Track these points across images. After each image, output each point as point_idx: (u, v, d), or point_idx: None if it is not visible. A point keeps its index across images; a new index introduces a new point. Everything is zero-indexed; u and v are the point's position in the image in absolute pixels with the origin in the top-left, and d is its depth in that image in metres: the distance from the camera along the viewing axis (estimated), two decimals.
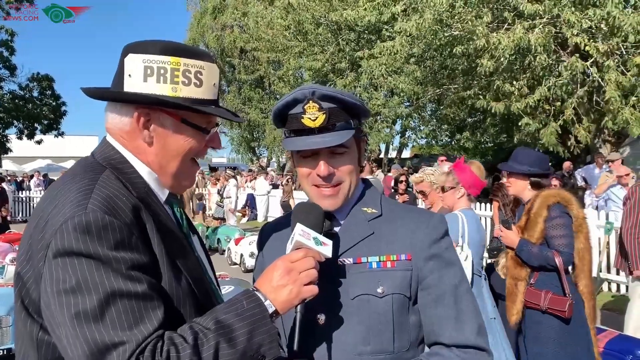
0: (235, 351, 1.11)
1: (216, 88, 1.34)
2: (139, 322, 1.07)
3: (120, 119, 1.28)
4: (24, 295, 1.17)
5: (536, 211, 3.36)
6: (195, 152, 1.32)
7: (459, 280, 1.43)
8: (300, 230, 1.29)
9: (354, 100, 1.42)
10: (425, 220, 1.46)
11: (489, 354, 1.41)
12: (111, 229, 1.10)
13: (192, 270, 1.26)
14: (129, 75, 1.26)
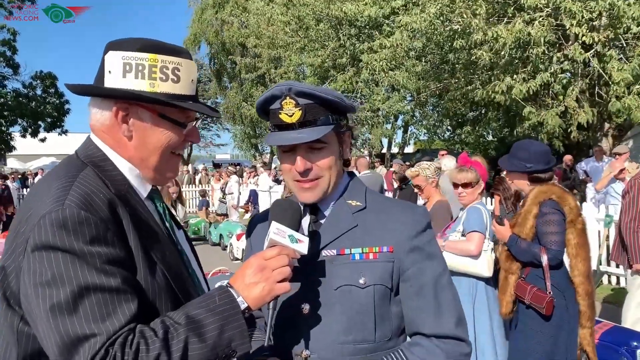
0: (205, 345, 1.14)
1: (194, 84, 1.37)
2: (111, 315, 1.10)
3: (101, 114, 1.32)
4: (6, 288, 1.20)
5: (527, 207, 3.38)
6: (174, 146, 1.35)
7: (440, 272, 1.45)
8: (275, 228, 1.31)
9: (331, 97, 1.43)
10: (409, 213, 1.48)
11: (468, 344, 1.45)
12: (87, 224, 1.13)
13: (170, 265, 1.29)
14: (108, 72, 1.29)
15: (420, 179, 4.44)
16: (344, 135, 1.52)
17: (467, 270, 3.76)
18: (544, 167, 3.43)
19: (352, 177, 1.60)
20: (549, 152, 3.56)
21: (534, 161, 3.43)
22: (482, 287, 3.80)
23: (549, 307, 3.20)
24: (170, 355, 1.10)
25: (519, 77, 10.18)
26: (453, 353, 1.40)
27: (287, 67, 18.47)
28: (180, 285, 1.30)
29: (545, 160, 3.46)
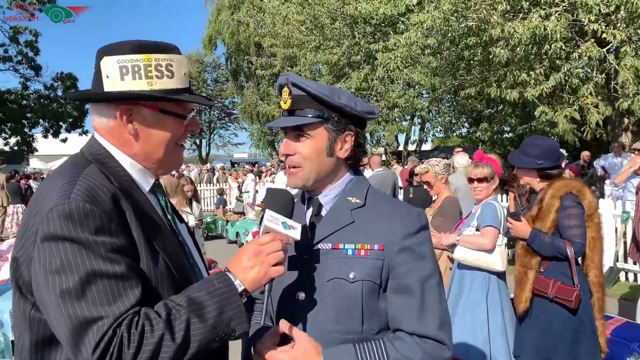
0: (206, 325, 1.22)
1: (187, 77, 1.44)
2: (117, 299, 1.18)
3: (104, 118, 1.40)
4: (18, 277, 1.28)
5: (548, 201, 3.37)
6: (177, 138, 1.44)
7: (429, 273, 1.49)
8: (269, 215, 1.39)
9: (318, 92, 1.50)
10: (403, 215, 1.53)
11: (448, 349, 1.47)
12: (92, 216, 1.21)
13: (171, 253, 1.36)
14: (107, 77, 1.36)
15: (429, 176, 4.49)
16: (341, 134, 1.56)
17: (480, 264, 3.79)
18: (553, 164, 3.44)
19: (356, 175, 1.65)
20: (558, 148, 3.57)
21: (543, 157, 3.43)
22: (495, 280, 3.84)
23: (577, 300, 3.20)
24: (174, 334, 1.18)
25: (534, 74, 10.10)
26: (432, 354, 1.44)
27: (302, 65, 18.53)
28: (182, 273, 1.37)
29: (555, 156, 3.47)
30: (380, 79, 15.43)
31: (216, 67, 39.43)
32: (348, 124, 1.57)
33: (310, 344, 1.42)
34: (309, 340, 1.42)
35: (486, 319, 3.76)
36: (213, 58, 36.52)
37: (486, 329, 3.74)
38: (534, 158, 3.47)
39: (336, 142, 1.56)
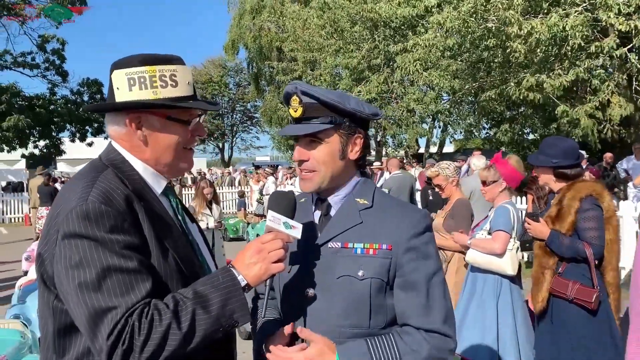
0: (210, 316, 1.33)
1: (191, 85, 1.55)
2: (129, 291, 1.30)
3: (117, 126, 1.53)
4: (43, 271, 1.42)
5: (568, 203, 3.40)
6: (184, 142, 1.55)
7: (433, 271, 1.57)
8: (271, 216, 1.50)
9: (329, 99, 1.57)
10: (409, 216, 1.60)
11: (453, 341, 1.56)
12: (107, 216, 1.33)
13: (180, 251, 1.48)
14: (117, 88, 1.49)
15: (440, 179, 4.55)
16: (351, 137, 1.64)
17: (491, 267, 3.84)
18: (569, 163, 3.47)
19: (364, 177, 1.73)
20: (576, 149, 3.58)
21: (560, 157, 3.47)
22: (507, 284, 3.87)
23: (597, 302, 3.22)
24: (180, 324, 1.30)
25: (554, 74, 10.04)
26: (437, 346, 1.52)
27: (323, 69, 18.65)
28: (190, 269, 1.48)
29: (572, 156, 3.50)
30: (399, 82, 15.46)
31: (238, 72, 39.84)
32: (357, 127, 1.64)
33: (324, 342, 1.50)
34: (322, 340, 1.50)
35: (495, 321, 3.80)
36: (235, 62, 36.93)
37: (495, 331, 3.78)
38: (550, 157, 3.51)
39: (347, 145, 1.63)
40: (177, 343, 1.29)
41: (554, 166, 3.50)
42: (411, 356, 1.50)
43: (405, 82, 16.08)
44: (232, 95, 40.48)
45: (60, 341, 1.41)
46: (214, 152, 44.58)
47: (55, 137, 24.76)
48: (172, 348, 1.29)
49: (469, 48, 12.50)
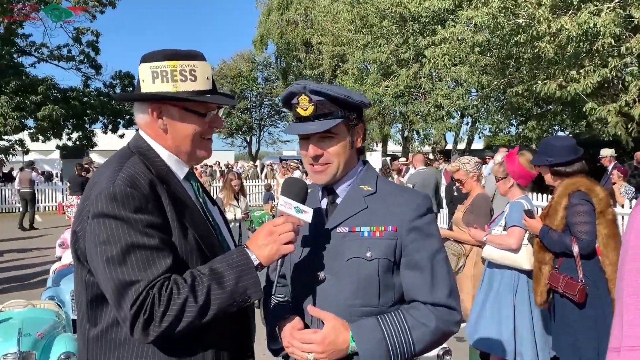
0: (224, 292, 1.45)
1: (210, 80, 1.67)
2: (151, 266, 1.42)
3: (142, 114, 1.66)
4: (77, 248, 1.55)
5: (556, 199, 3.50)
6: (201, 132, 1.67)
7: (436, 249, 1.65)
8: (282, 201, 1.60)
9: (339, 94, 1.66)
10: (412, 199, 1.69)
11: (458, 313, 1.65)
12: (132, 198, 1.46)
13: (200, 230, 1.59)
14: (142, 80, 1.62)
15: (460, 174, 4.60)
16: (356, 127, 1.74)
17: (507, 262, 3.88)
18: (564, 160, 3.55)
19: (366, 165, 1.82)
20: (572, 147, 3.63)
21: (555, 155, 3.57)
22: (524, 279, 3.91)
23: (582, 295, 3.30)
24: (196, 297, 1.41)
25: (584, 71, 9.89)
26: (444, 318, 1.61)
27: (350, 64, 18.68)
28: (209, 247, 1.60)
29: (567, 154, 3.57)
30: (428, 76, 15.40)
31: (267, 66, 40.06)
32: (359, 118, 1.75)
33: (337, 321, 1.59)
34: (335, 318, 1.59)
35: (513, 315, 3.84)
36: (264, 57, 37.16)
37: (512, 326, 3.82)
38: (546, 156, 3.62)
39: (354, 136, 1.75)
40: (193, 315, 1.41)
41: (550, 164, 3.60)
42: (420, 329, 1.59)
43: (433, 77, 15.99)
44: (260, 89, 40.75)
45: (93, 311, 1.55)
46: (242, 146, 44.98)
47: (88, 128, 25.34)
48: (189, 320, 1.41)
49: (499, 44, 12.39)
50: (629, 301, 1.08)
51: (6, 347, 3.75)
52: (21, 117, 21.24)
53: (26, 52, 24.92)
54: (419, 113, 16.71)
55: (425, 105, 16.07)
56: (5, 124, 20.35)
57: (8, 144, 22.81)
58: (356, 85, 17.87)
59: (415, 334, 1.59)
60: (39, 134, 23.06)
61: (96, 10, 24.45)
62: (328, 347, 1.57)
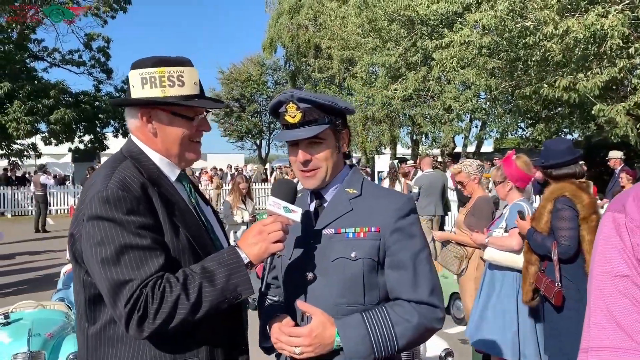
0: (215, 289, 1.51)
1: (197, 85, 1.73)
2: (144, 265, 1.48)
3: (133, 119, 1.73)
4: (74, 249, 1.62)
5: (542, 203, 3.59)
6: (189, 136, 1.73)
7: (419, 249, 1.71)
8: (271, 201, 1.67)
9: (325, 102, 1.74)
10: (395, 201, 1.75)
11: (441, 310, 1.71)
12: (124, 200, 1.52)
13: (193, 230, 1.65)
14: (132, 86, 1.69)
15: (462, 176, 4.63)
16: (342, 132, 1.82)
17: (509, 264, 3.91)
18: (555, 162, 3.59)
19: (352, 169, 1.89)
20: (566, 150, 3.64)
21: (549, 158, 3.63)
22: None
23: (558, 298, 3.36)
24: (188, 295, 1.48)
25: (591, 73, 9.85)
26: (426, 315, 1.67)
27: (359, 67, 18.71)
28: (202, 247, 1.66)
29: (560, 156, 3.59)
30: (436, 79, 15.38)
31: (276, 70, 40.17)
32: (344, 123, 1.83)
33: (324, 316, 1.65)
34: (322, 313, 1.66)
35: (516, 316, 3.87)
36: (273, 60, 37.26)
37: (516, 326, 3.85)
38: (542, 158, 3.70)
39: (340, 141, 1.82)
40: (186, 312, 1.47)
41: (542, 166, 3.68)
42: (403, 324, 1.65)
43: (442, 80, 15.98)
44: (270, 93, 40.89)
45: (91, 310, 1.61)
46: (252, 149, 45.14)
47: (100, 132, 25.63)
48: (182, 316, 1.47)
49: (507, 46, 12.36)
50: (596, 304, 1.11)
51: (16, 346, 3.84)
52: (34, 121, 21.52)
53: (39, 57, 25.27)
54: (427, 116, 16.69)
55: (433, 108, 16.05)
56: (19, 128, 20.63)
57: (21, 147, 23.12)
58: (365, 89, 17.90)
59: (398, 329, 1.64)
60: (51, 138, 23.35)
61: (107, 15, 24.76)
62: (315, 341, 1.63)
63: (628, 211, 1.08)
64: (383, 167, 16.73)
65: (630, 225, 1.07)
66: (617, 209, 1.12)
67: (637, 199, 1.09)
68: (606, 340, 1.05)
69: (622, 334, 1.03)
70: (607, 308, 1.07)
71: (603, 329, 1.07)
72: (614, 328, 1.04)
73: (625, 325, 1.03)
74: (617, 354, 1.03)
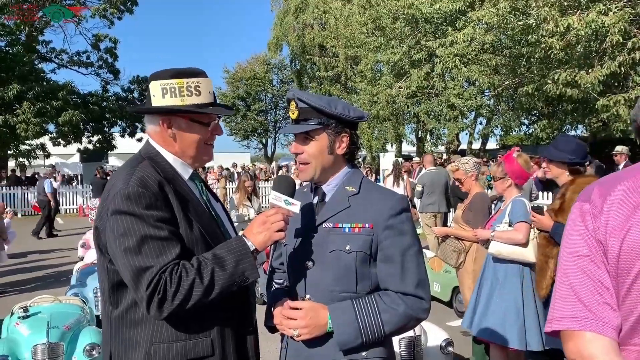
0: (225, 273, 1.70)
1: (212, 94, 1.92)
2: (162, 254, 1.67)
3: (153, 125, 1.92)
4: (99, 241, 1.81)
5: (570, 196, 3.60)
6: (204, 140, 1.93)
7: (408, 245, 1.86)
8: (273, 195, 1.87)
9: (317, 104, 1.89)
10: (388, 199, 1.90)
11: (427, 302, 1.87)
12: (143, 197, 1.71)
13: (204, 223, 1.84)
14: (153, 95, 1.87)
15: (459, 173, 4.80)
16: (338, 136, 1.94)
17: (515, 257, 4.01)
18: (582, 160, 3.73)
19: (353, 169, 2.02)
20: (585, 148, 3.81)
21: (575, 154, 3.72)
22: (528, 272, 4.08)
23: None
24: (202, 278, 1.66)
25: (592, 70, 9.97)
26: (412, 306, 1.84)
27: (364, 65, 18.86)
28: (213, 237, 1.85)
29: (584, 154, 3.75)
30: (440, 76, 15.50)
31: (282, 69, 40.34)
32: (344, 128, 1.94)
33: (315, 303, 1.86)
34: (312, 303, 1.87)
35: (521, 307, 4.00)
36: (279, 59, 37.44)
37: (522, 316, 3.99)
38: (566, 153, 3.75)
39: (335, 142, 1.94)
40: (200, 294, 1.66)
41: (570, 162, 3.73)
42: (389, 312, 1.82)
43: (446, 77, 16.09)
44: (275, 91, 41.08)
45: (114, 295, 1.81)
46: (258, 148, 45.39)
47: (107, 132, 25.91)
48: (197, 298, 1.66)
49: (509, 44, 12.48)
50: (561, 280, 1.29)
51: (36, 338, 4.06)
52: (42, 122, 21.82)
53: (47, 59, 25.59)
54: (431, 113, 16.82)
55: (437, 104, 16.17)
56: (27, 129, 20.93)
57: (29, 148, 23.42)
58: (369, 87, 18.06)
59: (385, 316, 1.82)
60: (59, 139, 23.66)
61: (114, 16, 25.03)
62: (310, 322, 1.83)
63: (592, 200, 1.28)
64: (388, 164, 16.88)
65: (593, 212, 1.26)
66: (584, 199, 1.31)
67: (601, 189, 1.29)
68: (566, 311, 1.23)
69: (580, 306, 1.21)
70: (569, 284, 1.25)
71: (565, 302, 1.25)
72: (574, 301, 1.23)
73: (584, 299, 1.21)
74: (574, 321, 1.21)
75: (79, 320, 4.51)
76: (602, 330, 1.17)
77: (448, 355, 4.33)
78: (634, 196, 1.21)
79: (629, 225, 1.18)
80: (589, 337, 1.18)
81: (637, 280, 1.17)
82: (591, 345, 1.17)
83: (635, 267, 1.16)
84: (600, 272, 1.22)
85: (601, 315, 1.19)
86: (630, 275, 1.17)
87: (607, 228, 1.22)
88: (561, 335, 1.24)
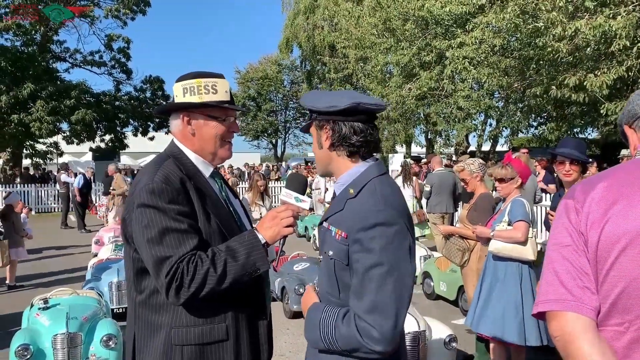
0: (237, 264, 1.85)
1: (228, 93, 2.08)
2: (181, 245, 1.83)
3: (176, 122, 2.10)
4: (125, 231, 1.97)
5: None
6: (222, 136, 2.09)
7: (371, 265, 1.66)
8: (284, 192, 2.02)
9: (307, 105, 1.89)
10: (363, 210, 1.72)
11: (376, 331, 1.63)
12: (166, 192, 1.87)
13: (222, 218, 2.00)
14: (176, 96, 2.06)
15: (465, 174, 4.93)
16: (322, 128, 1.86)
17: (514, 255, 4.15)
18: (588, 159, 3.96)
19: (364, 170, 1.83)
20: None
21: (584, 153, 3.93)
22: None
23: None
24: (216, 268, 1.82)
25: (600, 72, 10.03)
26: (362, 331, 1.65)
27: (374, 66, 18.96)
28: (229, 230, 2.00)
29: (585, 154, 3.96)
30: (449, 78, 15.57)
31: (292, 69, 40.52)
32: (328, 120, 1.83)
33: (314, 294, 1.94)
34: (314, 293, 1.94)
35: (521, 303, 4.13)
36: (290, 60, 37.61)
37: (521, 313, 4.12)
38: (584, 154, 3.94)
39: (321, 137, 1.88)
40: (214, 282, 1.81)
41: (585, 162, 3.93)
42: (340, 330, 1.71)
43: (455, 79, 16.15)
44: (286, 92, 41.27)
45: (138, 281, 1.97)
46: (268, 148, 45.61)
47: (120, 131, 26.20)
48: (211, 286, 1.82)
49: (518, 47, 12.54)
50: (547, 267, 1.44)
51: (56, 328, 4.25)
52: (56, 121, 22.14)
53: (61, 58, 25.94)
54: (440, 114, 16.89)
55: (446, 106, 16.24)
56: (41, 127, 21.26)
57: (45, 147, 23.75)
58: (379, 88, 18.16)
59: (338, 333, 1.71)
60: (72, 137, 23.98)
61: (127, 17, 25.34)
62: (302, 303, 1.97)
63: (576, 197, 1.44)
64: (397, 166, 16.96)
65: (576, 207, 1.42)
66: (569, 197, 1.48)
67: (584, 187, 1.45)
68: (551, 294, 1.39)
69: (564, 290, 1.36)
70: (554, 270, 1.41)
71: (550, 286, 1.40)
72: (558, 285, 1.38)
73: (567, 283, 1.37)
74: (557, 303, 1.36)
75: (96, 312, 4.69)
76: (582, 311, 1.32)
77: (451, 351, 4.47)
78: (611, 193, 1.36)
79: (607, 219, 1.33)
80: (571, 316, 1.32)
81: (613, 267, 1.31)
82: (572, 324, 1.32)
83: (612, 255, 1.31)
84: (581, 259, 1.37)
85: (581, 298, 1.33)
86: (607, 262, 1.32)
87: (588, 221, 1.37)
88: (546, 316, 1.39)
